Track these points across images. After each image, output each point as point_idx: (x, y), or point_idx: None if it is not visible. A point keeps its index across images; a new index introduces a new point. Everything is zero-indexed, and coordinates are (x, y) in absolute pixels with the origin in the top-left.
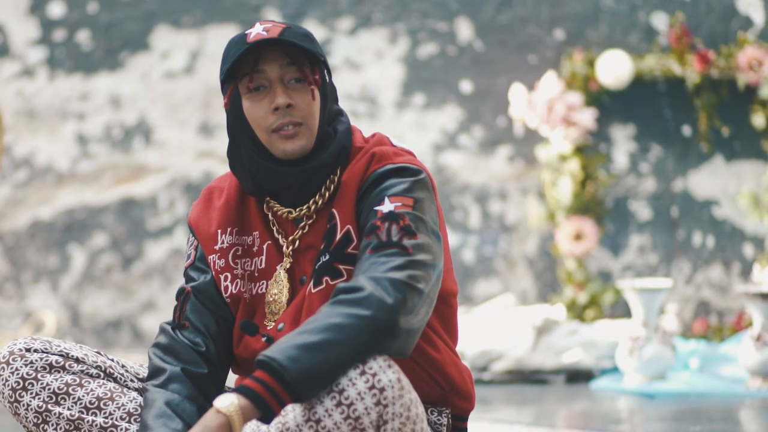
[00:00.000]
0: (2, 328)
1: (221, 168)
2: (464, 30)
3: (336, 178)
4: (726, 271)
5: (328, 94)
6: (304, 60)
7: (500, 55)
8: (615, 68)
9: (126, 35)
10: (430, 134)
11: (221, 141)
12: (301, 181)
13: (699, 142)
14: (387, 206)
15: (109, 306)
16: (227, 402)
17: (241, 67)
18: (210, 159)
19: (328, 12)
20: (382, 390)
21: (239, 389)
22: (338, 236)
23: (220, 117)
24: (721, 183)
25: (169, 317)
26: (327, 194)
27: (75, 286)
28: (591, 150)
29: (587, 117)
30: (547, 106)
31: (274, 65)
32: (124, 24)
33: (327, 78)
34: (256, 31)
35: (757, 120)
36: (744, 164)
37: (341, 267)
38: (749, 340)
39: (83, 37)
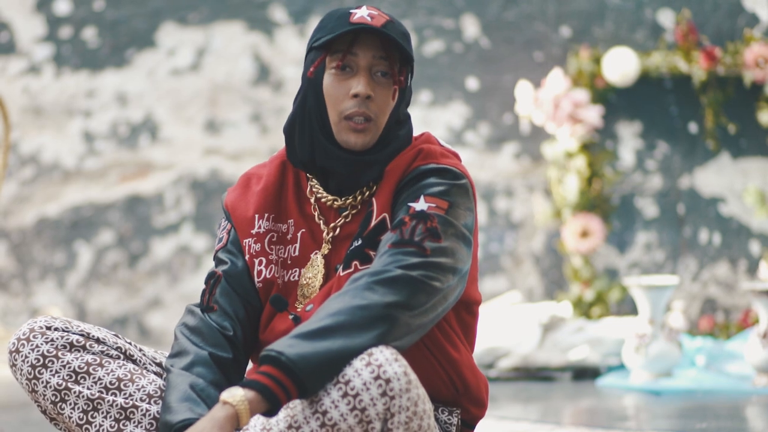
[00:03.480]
0: (9, 325)
1: (228, 165)
2: (470, 27)
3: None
4: (732, 269)
5: (405, 96)
6: (396, 58)
7: (506, 52)
8: (621, 65)
9: (132, 32)
10: (436, 131)
11: (227, 138)
12: (352, 171)
13: (705, 139)
14: (420, 205)
15: (116, 303)
16: (234, 394)
17: (336, 43)
18: (216, 156)
19: (333, 8)
20: (388, 381)
21: (246, 383)
22: (373, 222)
23: (227, 114)
24: (727, 180)
25: (175, 315)
26: (375, 188)
27: (81, 283)
28: (597, 147)
29: (593, 114)
30: (553, 103)
31: (368, 53)
32: (130, 21)
33: (409, 81)
34: (361, 14)
35: (764, 117)
36: (750, 161)
37: (371, 253)
38: (756, 337)
39: (89, 34)
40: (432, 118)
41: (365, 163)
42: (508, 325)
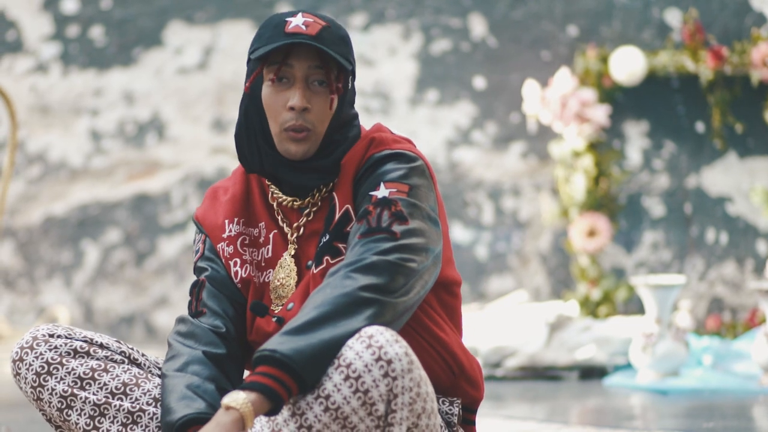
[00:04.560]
0: (15, 324)
1: (235, 164)
2: (477, 26)
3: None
4: (739, 268)
5: (347, 100)
6: (332, 66)
7: (513, 51)
8: (628, 64)
9: (139, 31)
10: (443, 130)
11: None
12: (299, 177)
13: (712, 138)
14: (382, 192)
15: (123, 302)
16: (237, 398)
17: (271, 54)
18: (223, 155)
19: (341, 8)
20: (389, 362)
21: (246, 386)
22: (337, 216)
23: (233, 113)
24: (734, 179)
25: (183, 312)
26: (331, 185)
27: (88, 281)
28: (604, 146)
29: (600, 113)
30: (560, 103)
31: (303, 64)
32: (137, 20)
33: (350, 84)
34: (296, 23)
35: None
36: (757, 161)
37: (340, 246)
38: (762, 336)
39: (96, 32)
40: (439, 117)
41: (311, 168)
42: (514, 324)
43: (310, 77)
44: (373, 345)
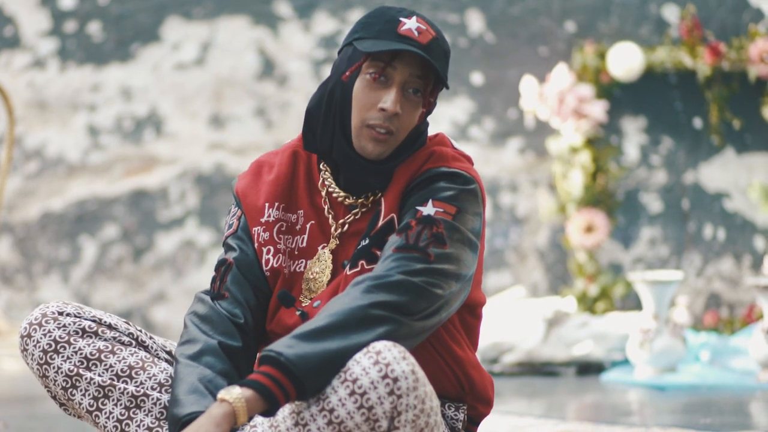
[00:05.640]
0: (13, 319)
1: (232, 160)
2: (475, 22)
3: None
4: (737, 264)
5: (429, 112)
6: (431, 79)
7: (511, 47)
8: (626, 60)
9: (137, 27)
10: (441, 126)
11: (232, 133)
12: (364, 175)
13: (710, 134)
14: (428, 209)
15: (120, 297)
16: (232, 392)
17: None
18: (221, 151)
19: (339, 3)
20: (395, 380)
21: (244, 382)
22: (380, 222)
23: (231, 109)
24: (732, 175)
25: (179, 309)
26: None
27: (86, 277)
28: (602, 142)
29: (598, 109)
30: (558, 99)
31: (406, 70)
32: (135, 15)
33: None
34: (410, 26)
35: None
36: (755, 157)
37: (378, 252)
38: (760, 332)
39: (94, 28)
40: (437, 113)
41: (377, 170)
42: (512, 320)
43: (408, 84)
44: (380, 361)
